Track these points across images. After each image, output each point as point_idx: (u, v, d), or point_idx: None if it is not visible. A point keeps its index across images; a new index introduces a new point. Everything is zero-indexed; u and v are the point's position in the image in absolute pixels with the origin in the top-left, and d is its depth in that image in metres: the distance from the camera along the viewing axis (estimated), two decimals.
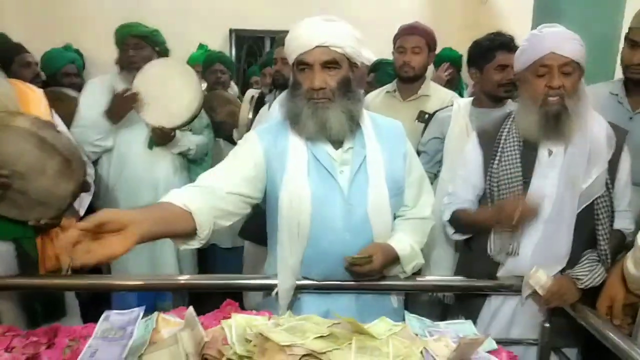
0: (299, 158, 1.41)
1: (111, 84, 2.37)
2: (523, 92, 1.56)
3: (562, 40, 1.46)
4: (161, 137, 2.35)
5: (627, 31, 1.84)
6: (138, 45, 2.37)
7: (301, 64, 1.36)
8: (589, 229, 1.53)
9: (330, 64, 1.35)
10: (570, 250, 1.53)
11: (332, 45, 1.34)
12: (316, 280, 1.48)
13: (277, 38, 2.60)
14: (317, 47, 1.33)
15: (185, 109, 2.31)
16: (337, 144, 1.43)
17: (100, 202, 2.40)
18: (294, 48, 1.37)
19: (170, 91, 2.28)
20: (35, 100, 1.68)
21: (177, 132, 2.43)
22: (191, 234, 1.23)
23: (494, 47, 1.98)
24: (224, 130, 2.89)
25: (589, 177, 1.49)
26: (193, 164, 2.65)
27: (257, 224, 1.67)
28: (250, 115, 2.56)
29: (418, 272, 1.59)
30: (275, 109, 2.33)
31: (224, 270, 3.15)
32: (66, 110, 2.17)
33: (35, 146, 1.48)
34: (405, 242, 1.47)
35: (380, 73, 2.93)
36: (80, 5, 4.18)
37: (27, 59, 2.82)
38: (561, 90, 1.45)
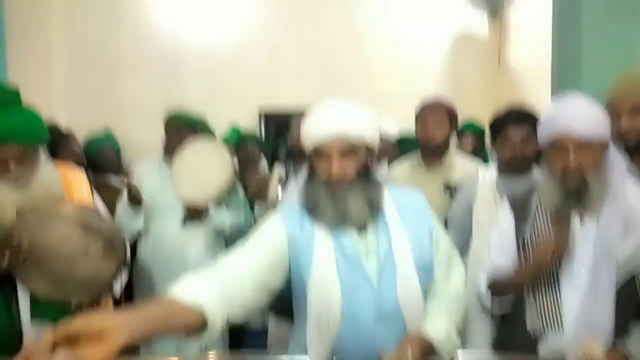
0: (326, 247, 1.35)
1: (157, 168, 2.51)
2: (545, 165, 1.57)
3: (577, 120, 1.44)
4: (193, 212, 2.42)
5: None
6: (187, 133, 2.55)
7: (319, 153, 1.34)
8: (636, 304, 1.46)
9: (348, 152, 1.32)
10: (612, 324, 1.45)
11: (349, 133, 1.31)
12: None
13: (295, 116, 2.66)
14: (334, 135, 1.30)
15: (216, 183, 2.42)
16: (361, 229, 1.38)
17: (137, 282, 2.46)
18: (311, 135, 1.34)
19: (203, 168, 2.40)
20: (78, 184, 1.78)
21: (212, 209, 2.49)
22: (199, 327, 1.12)
23: (502, 122, 2.04)
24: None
25: (626, 247, 1.45)
26: (229, 242, 2.65)
27: (282, 297, 1.65)
28: (279, 195, 2.60)
29: None
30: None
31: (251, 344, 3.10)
32: (109, 198, 2.29)
33: (80, 232, 1.55)
34: (439, 327, 1.38)
35: (403, 149, 3.00)
36: (120, 87, 4.50)
37: (71, 146, 3.03)
38: (579, 169, 1.45)
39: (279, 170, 2.75)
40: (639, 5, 2.45)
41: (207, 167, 2.40)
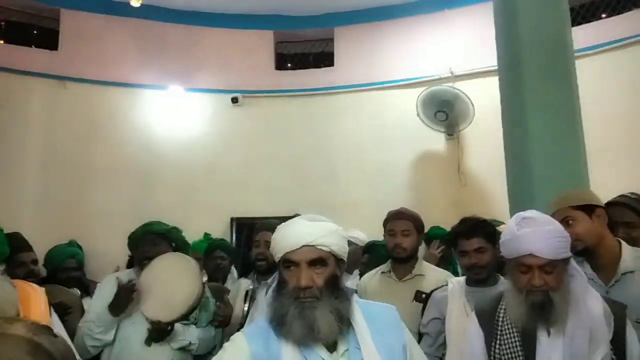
0: None
1: (126, 280, 2.41)
2: (510, 278, 1.62)
3: (540, 242, 1.50)
4: (158, 332, 2.30)
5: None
6: (154, 242, 2.49)
7: (287, 262, 1.34)
8: None
9: (317, 262, 1.33)
10: None
11: (318, 244, 1.33)
12: None
13: (259, 224, 2.69)
14: (303, 246, 1.32)
15: (183, 303, 2.30)
16: (331, 346, 1.34)
17: None
18: (280, 247, 1.36)
19: (171, 285, 2.31)
20: (36, 300, 1.72)
21: (178, 325, 2.38)
22: None
23: (455, 235, 2.16)
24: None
25: (595, 356, 1.46)
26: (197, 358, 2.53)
27: None
28: (245, 309, 2.51)
29: None
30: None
31: None
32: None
33: (28, 353, 1.46)
34: None
35: (373, 255, 3.05)
36: (91, 198, 4.48)
37: (21, 258, 2.89)
38: (543, 287, 1.50)
39: (245, 284, 2.69)
40: (578, 121, 2.74)
41: (174, 284, 2.31)
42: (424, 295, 2.32)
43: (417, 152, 4.79)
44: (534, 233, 1.52)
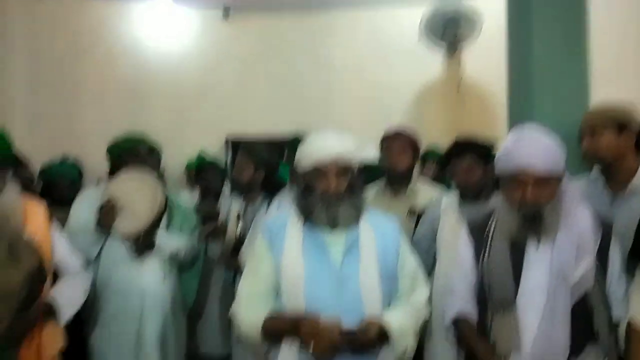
0: (295, 241, 1.56)
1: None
2: (503, 194, 1.64)
3: (535, 155, 1.50)
4: (136, 244, 2.35)
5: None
6: (149, 155, 2.49)
7: (317, 171, 1.56)
8: (589, 321, 1.51)
9: (343, 172, 1.55)
10: (569, 343, 1.50)
11: (346, 156, 1.56)
12: None
13: (241, 145, 2.81)
14: (334, 157, 1.54)
15: (146, 210, 2.36)
16: (333, 226, 1.56)
17: (87, 311, 2.33)
18: (311, 157, 1.57)
19: (133, 199, 2.35)
20: (33, 213, 1.75)
21: (162, 236, 2.42)
22: None
23: (448, 154, 2.22)
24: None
25: (578, 270, 1.51)
26: (182, 272, 2.60)
27: None
28: (238, 231, 2.63)
29: None
30: (273, 212, 2.42)
31: None
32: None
33: None
34: (395, 320, 1.51)
35: (367, 175, 3.05)
36: (83, 117, 4.42)
37: (21, 174, 2.89)
38: (536, 201, 1.52)
39: (236, 206, 2.75)
40: (585, 38, 2.64)
41: (135, 197, 2.34)
42: (416, 212, 2.36)
43: (416, 73, 4.66)
44: (529, 147, 1.52)
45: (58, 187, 3.11)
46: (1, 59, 4.20)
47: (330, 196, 1.54)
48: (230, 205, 2.95)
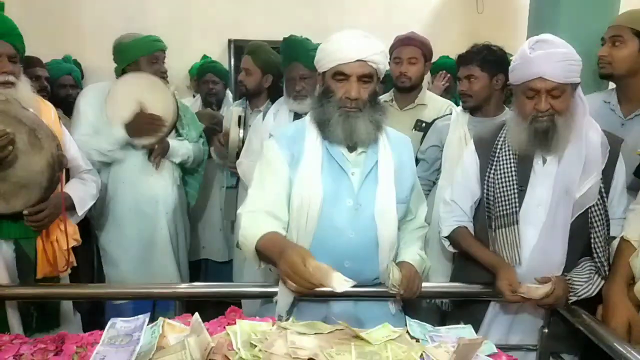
0: (314, 157, 1.47)
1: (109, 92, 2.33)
2: (515, 106, 1.59)
3: (551, 64, 1.45)
4: (153, 152, 2.35)
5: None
6: (159, 59, 2.37)
7: (338, 74, 1.43)
8: (586, 238, 1.55)
9: (365, 77, 1.43)
10: (565, 258, 1.56)
11: (370, 60, 1.42)
12: None
13: (247, 47, 2.68)
14: (357, 60, 1.41)
15: (166, 119, 2.31)
16: (352, 147, 1.49)
17: (98, 213, 2.40)
18: (333, 58, 1.43)
19: (145, 105, 2.27)
20: (46, 111, 1.75)
21: (174, 141, 2.42)
22: None
23: (457, 60, 2.12)
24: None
25: (583, 186, 1.52)
26: (186, 175, 2.64)
27: None
28: (241, 135, 2.57)
29: None
30: (270, 120, 2.36)
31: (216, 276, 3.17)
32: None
33: (1, 122, 1.51)
34: (413, 252, 1.57)
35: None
36: (81, 16, 4.22)
37: (37, 72, 2.83)
38: (549, 111, 1.48)
39: (237, 110, 2.67)
40: None
41: (149, 104, 2.26)
42: (424, 124, 2.33)
43: None
44: (545, 55, 1.46)
45: (62, 87, 3.07)
46: None
47: (349, 103, 1.42)
48: (231, 112, 2.88)
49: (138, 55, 2.33)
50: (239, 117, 2.62)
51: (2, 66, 1.57)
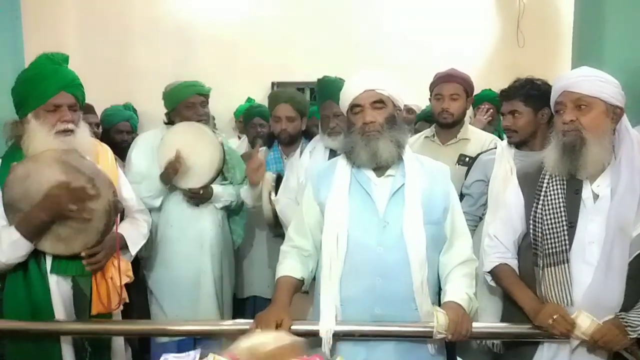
0: (342, 184, 1.60)
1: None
2: (553, 132, 1.60)
3: (576, 78, 1.49)
4: (196, 198, 2.43)
5: None
6: (204, 104, 2.50)
7: (354, 107, 1.59)
8: None
9: (378, 103, 1.57)
10: (622, 299, 1.47)
11: (377, 88, 1.57)
12: (353, 325, 1.53)
13: (278, 95, 2.68)
14: (365, 91, 1.56)
15: (209, 167, 2.40)
16: (380, 171, 1.60)
17: (147, 252, 2.48)
18: (347, 96, 1.61)
19: (194, 153, 2.37)
20: (103, 154, 1.86)
21: (219, 187, 2.51)
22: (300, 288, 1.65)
23: (499, 96, 2.12)
24: None
25: (639, 223, 1.45)
26: (232, 214, 2.71)
27: None
28: (273, 197, 2.51)
29: None
30: (306, 157, 2.42)
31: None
32: None
33: (61, 172, 1.61)
34: (460, 291, 1.56)
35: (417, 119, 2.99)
36: (136, 63, 4.50)
37: (88, 119, 3.02)
38: (576, 124, 1.47)
39: (270, 178, 2.60)
40: None
41: (196, 151, 2.36)
42: (467, 159, 2.30)
43: (470, 9, 4.38)
44: (571, 72, 1.51)
45: (119, 132, 3.26)
46: (52, 7, 4.28)
47: (368, 127, 1.55)
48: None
49: (176, 102, 2.47)
50: (272, 177, 2.60)
51: (63, 115, 1.67)
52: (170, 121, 2.53)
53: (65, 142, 1.67)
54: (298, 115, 2.58)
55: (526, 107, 1.99)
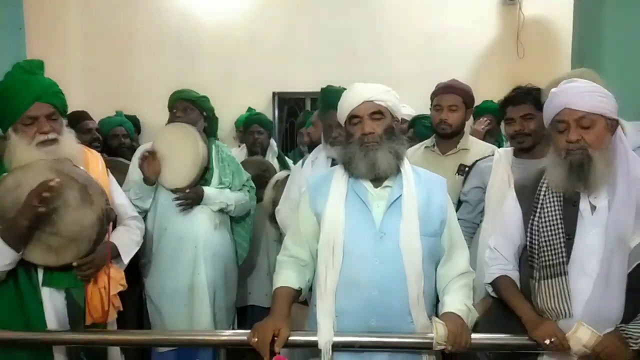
0: (338, 194, 1.59)
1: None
2: (552, 147, 1.57)
3: (576, 95, 1.46)
4: (186, 199, 2.44)
5: None
6: (186, 109, 2.55)
7: (353, 118, 1.60)
8: None
9: (376, 114, 1.57)
10: (623, 311, 1.45)
11: (375, 99, 1.57)
12: (352, 336, 1.51)
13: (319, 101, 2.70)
14: (364, 102, 1.57)
15: (192, 165, 2.44)
16: (378, 182, 1.59)
17: (145, 258, 2.50)
18: (346, 107, 1.61)
19: (178, 153, 2.43)
20: (93, 162, 1.84)
21: (212, 189, 2.52)
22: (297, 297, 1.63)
23: (504, 102, 2.11)
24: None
25: (638, 235, 1.43)
26: (235, 223, 2.72)
27: None
28: (273, 196, 2.67)
29: None
30: (308, 167, 2.43)
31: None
32: (123, 177, 2.43)
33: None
34: (459, 302, 1.55)
35: (417, 127, 2.99)
36: (137, 74, 4.54)
37: (87, 125, 3.07)
38: (581, 143, 1.45)
39: (277, 177, 2.79)
40: None
41: (180, 151, 2.43)
42: (467, 168, 2.29)
43: (470, 21, 4.41)
44: (571, 87, 1.48)
45: (114, 137, 3.28)
46: (58, 16, 4.32)
47: (366, 138, 1.55)
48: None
49: (169, 109, 2.60)
50: (276, 181, 2.75)
51: (41, 127, 1.63)
52: None
53: (50, 151, 1.64)
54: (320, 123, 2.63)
55: (536, 111, 1.99)
